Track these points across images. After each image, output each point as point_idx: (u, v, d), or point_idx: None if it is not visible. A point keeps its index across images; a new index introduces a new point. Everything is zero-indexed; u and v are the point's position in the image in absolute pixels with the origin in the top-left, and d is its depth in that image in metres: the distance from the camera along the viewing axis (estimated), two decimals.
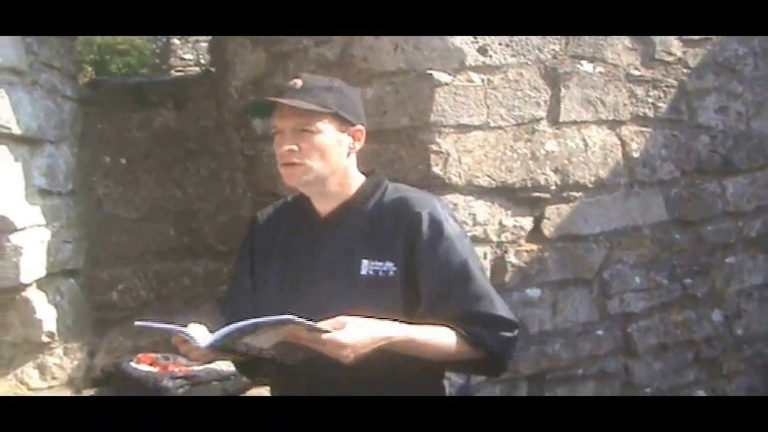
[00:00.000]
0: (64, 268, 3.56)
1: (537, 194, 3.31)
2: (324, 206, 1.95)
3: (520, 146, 3.26)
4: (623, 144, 3.52)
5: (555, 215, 3.37)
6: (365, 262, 1.86)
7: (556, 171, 3.33)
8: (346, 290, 1.86)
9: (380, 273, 1.84)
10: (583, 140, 3.41)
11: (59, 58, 3.67)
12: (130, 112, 3.89)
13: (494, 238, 3.24)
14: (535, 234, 3.34)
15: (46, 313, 3.30)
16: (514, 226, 3.28)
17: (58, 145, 3.62)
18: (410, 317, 1.80)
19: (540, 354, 3.35)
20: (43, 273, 3.32)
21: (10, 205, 3.13)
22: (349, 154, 1.90)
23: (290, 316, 1.63)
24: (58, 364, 3.32)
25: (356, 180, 1.94)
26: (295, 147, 1.85)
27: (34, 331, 3.23)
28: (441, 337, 1.79)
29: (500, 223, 3.25)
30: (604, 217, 3.49)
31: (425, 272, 1.83)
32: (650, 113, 3.57)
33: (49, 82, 3.56)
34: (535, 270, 3.32)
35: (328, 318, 1.68)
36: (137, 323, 1.84)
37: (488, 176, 3.20)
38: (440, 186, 3.12)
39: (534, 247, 3.33)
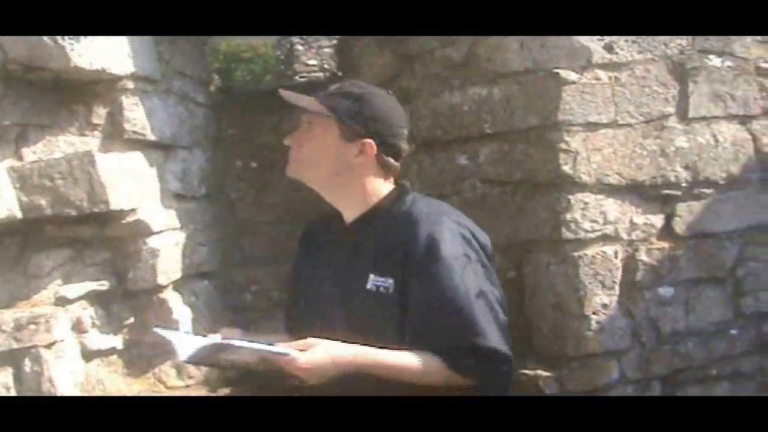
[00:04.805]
0: (200, 270, 3.64)
1: (667, 191, 3.26)
2: (348, 215, 1.92)
3: (650, 143, 3.22)
4: (755, 139, 3.43)
5: (686, 212, 3.30)
6: (371, 276, 1.81)
7: (686, 168, 3.27)
8: (352, 302, 1.83)
9: (381, 288, 1.79)
10: (713, 136, 3.34)
11: (191, 66, 3.77)
12: (262, 117, 3.98)
13: (625, 237, 3.20)
14: (667, 232, 3.29)
15: (182, 314, 3.35)
16: (645, 224, 3.24)
17: (192, 150, 3.72)
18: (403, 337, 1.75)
19: (673, 354, 3.28)
20: (178, 275, 3.39)
21: (146, 210, 3.21)
22: (353, 164, 1.85)
23: (240, 341, 1.65)
24: None
25: (381, 191, 1.89)
26: (294, 142, 1.88)
27: None
28: (419, 364, 1.70)
29: (631, 222, 3.21)
30: (736, 213, 3.40)
31: (411, 296, 1.75)
32: None
33: (181, 90, 3.67)
34: (667, 268, 3.26)
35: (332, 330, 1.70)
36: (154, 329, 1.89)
37: (618, 174, 3.17)
38: (570, 185, 3.11)
39: (665, 245, 3.27)
